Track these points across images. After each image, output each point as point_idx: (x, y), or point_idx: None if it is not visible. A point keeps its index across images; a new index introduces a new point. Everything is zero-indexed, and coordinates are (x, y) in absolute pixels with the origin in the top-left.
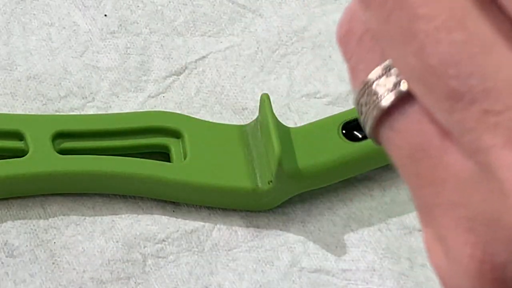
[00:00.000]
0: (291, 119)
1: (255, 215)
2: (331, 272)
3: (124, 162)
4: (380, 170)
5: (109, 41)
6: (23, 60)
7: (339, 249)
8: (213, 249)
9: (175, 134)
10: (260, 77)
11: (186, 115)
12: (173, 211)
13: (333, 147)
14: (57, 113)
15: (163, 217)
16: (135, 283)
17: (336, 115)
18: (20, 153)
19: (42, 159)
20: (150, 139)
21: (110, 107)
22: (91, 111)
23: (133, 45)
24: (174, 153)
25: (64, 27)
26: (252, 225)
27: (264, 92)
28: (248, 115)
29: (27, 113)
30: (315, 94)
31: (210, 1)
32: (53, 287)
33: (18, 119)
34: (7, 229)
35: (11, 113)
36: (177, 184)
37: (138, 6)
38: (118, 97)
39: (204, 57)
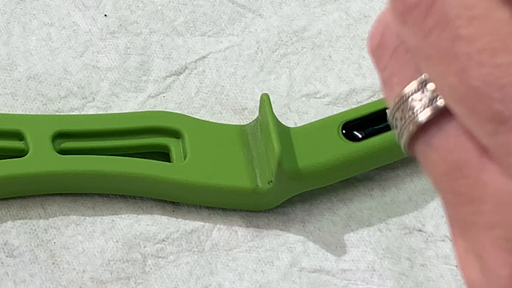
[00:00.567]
0: (291, 119)
1: (255, 215)
2: (331, 272)
3: (124, 162)
4: (380, 170)
5: (109, 41)
6: (23, 60)
7: (339, 249)
8: (213, 249)
9: (175, 134)
10: (260, 77)
11: (186, 115)
12: (173, 211)
13: (333, 147)
14: (57, 113)
15: (163, 217)
16: (135, 283)
17: (336, 115)
18: (20, 153)
19: (42, 159)
20: (150, 139)
21: (110, 107)
22: (91, 111)
23: (133, 45)
24: (174, 153)
25: (64, 27)
26: (252, 225)
27: (264, 92)
28: (248, 115)
29: (27, 113)
30: (315, 94)
31: (210, 1)
32: (53, 287)
33: (18, 119)
34: (7, 229)
35: (11, 113)
36: (177, 184)
37: (138, 6)
38: (118, 97)
39: (204, 57)
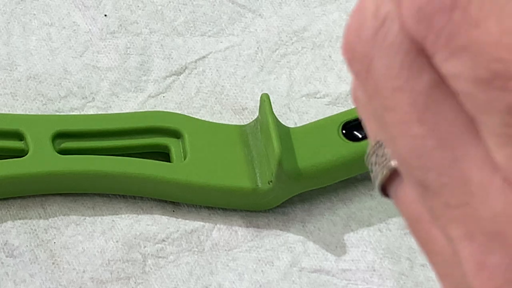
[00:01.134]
0: (291, 119)
1: (255, 215)
2: (331, 272)
3: (124, 162)
4: None
5: (109, 41)
6: (23, 60)
7: (339, 249)
8: (213, 249)
9: (175, 134)
10: (260, 77)
11: (186, 115)
12: (173, 211)
13: (333, 147)
14: (57, 113)
15: (163, 217)
16: (135, 283)
17: (336, 115)
18: (20, 153)
19: (42, 159)
20: (150, 139)
21: (110, 107)
22: (91, 111)
23: (133, 45)
24: (174, 153)
25: (64, 27)
26: (252, 225)
27: (264, 92)
28: (248, 115)
29: (27, 113)
30: (315, 94)
31: (210, 1)
32: (53, 287)
33: (18, 119)
34: (7, 229)
35: (11, 113)
36: (177, 184)
37: (138, 6)
38: (118, 97)
39: (204, 57)
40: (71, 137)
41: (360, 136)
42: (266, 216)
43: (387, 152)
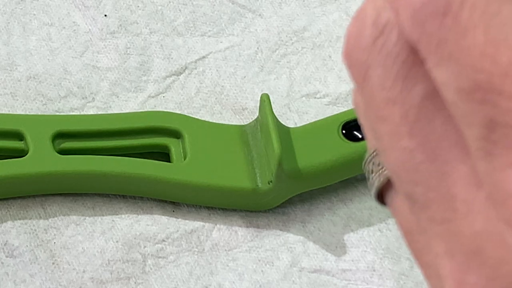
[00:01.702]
0: (291, 119)
1: (255, 215)
2: (331, 272)
3: (124, 162)
4: None
5: (109, 41)
6: (23, 60)
7: (339, 249)
8: (213, 249)
9: (175, 134)
10: (260, 77)
11: (186, 115)
12: (173, 211)
13: (333, 147)
14: (57, 113)
15: (163, 217)
16: (135, 283)
17: (336, 115)
18: (20, 153)
19: (42, 159)
20: (150, 139)
21: (110, 107)
22: (91, 111)
23: (133, 45)
24: (174, 153)
25: (64, 27)
26: (252, 225)
27: (264, 92)
28: (248, 115)
29: (27, 113)
30: (315, 94)
31: (210, 1)
32: (53, 287)
33: (18, 119)
34: (7, 229)
35: (11, 113)
36: (177, 184)
37: (138, 6)
38: (118, 97)
39: (204, 57)
40: (71, 137)
41: (360, 136)
42: (266, 216)
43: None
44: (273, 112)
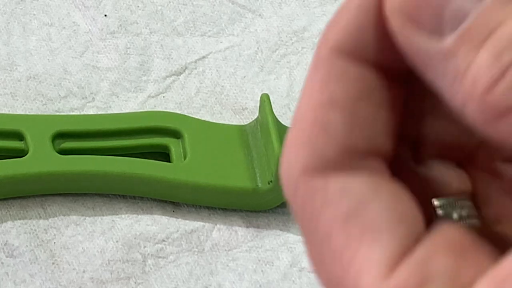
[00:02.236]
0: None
1: (255, 215)
2: None
3: (124, 162)
4: None
5: (109, 41)
6: (23, 60)
7: None
8: (213, 249)
9: (175, 134)
10: (260, 77)
11: (186, 115)
12: (173, 211)
13: None
14: (57, 113)
15: (163, 217)
16: (135, 283)
17: None
18: (20, 153)
19: (42, 159)
20: (150, 139)
21: (110, 107)
22: (91, 111)
23: (133, 45)
24: (174, 153)
25: (64, 27)
26: (252, 225)
27: (264, 92)
28: (248, 115)
29: (27, 113)
30: None
31: (210, 1)
32: (53, 287)
33: (18, 119)
34: (7, 229)
35: (11, 113)
36: (177, 184)
37: (138, 6)
38: (118, 97)
39: (204, 57)
40: (71, 137)
41: None
42: (266, 216)
43: None
44: (273, 112)
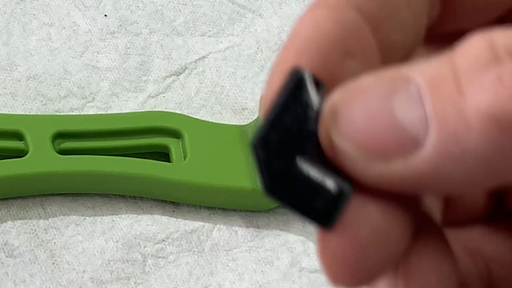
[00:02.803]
0: None
1: (255, 215)
2: None
3: (124, 162)
4: None
5: (109, 41)
6: (23, 60)
7: None
8: (213, 249)
9: (175, 134)
10: (260, 77)
11: (186, 115)
12: (173, 211)
13: None
14: (57, 113)
15: (163, 217)
16: (135, 283)
17: None
18: (20, 153)
19: (42, 159)
20: (150, 139)
21: (110, 107)
22: (91, 111)
23: (133, 45)
24: (174, 153)
25: (64, 27)
26: (252, 225)
27: None
28: (248, 115)
29: (27, 113)
30: None
31: (210, 1)
32: (53, 287)
33: (18, 119)
34: (7, 229)
35: (11, 113)
36: (177, 184)
37: (138, 6)
38: (118, 97)
39: (204, 57)
40: (71, 137)
41: None
42: (266, 216)
43: None
44: None
